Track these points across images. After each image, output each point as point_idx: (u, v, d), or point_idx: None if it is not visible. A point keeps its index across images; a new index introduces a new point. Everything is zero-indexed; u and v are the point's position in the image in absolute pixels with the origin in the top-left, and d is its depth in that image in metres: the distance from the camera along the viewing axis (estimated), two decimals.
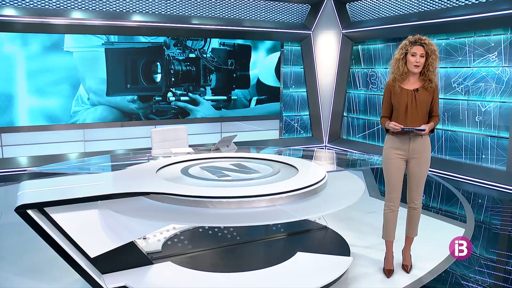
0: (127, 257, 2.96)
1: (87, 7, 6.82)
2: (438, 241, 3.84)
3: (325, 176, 3.15)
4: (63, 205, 2.68)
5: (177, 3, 7.42)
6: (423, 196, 3.64)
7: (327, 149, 8.82)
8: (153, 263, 3.06)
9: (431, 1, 6.74)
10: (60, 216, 2.69)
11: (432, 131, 3.10)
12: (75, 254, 2.71)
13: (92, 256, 2.78)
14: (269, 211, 2.66)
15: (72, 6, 6.73)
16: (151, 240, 3.50)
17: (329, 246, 3.58)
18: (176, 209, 2.70)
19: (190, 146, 4.90)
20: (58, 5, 6.63)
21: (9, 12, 6.31)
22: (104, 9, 6.93)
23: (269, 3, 8.14)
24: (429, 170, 3.31)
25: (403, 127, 3.00)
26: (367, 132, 8.54)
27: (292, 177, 3.14)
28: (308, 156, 5.11)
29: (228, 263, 3.24)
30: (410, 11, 7.13)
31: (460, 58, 6.54)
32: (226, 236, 3.62)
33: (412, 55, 3.00)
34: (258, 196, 2.66)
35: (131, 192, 2.81)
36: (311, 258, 3.15)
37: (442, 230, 4.21)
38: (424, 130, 2.98)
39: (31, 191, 2.78)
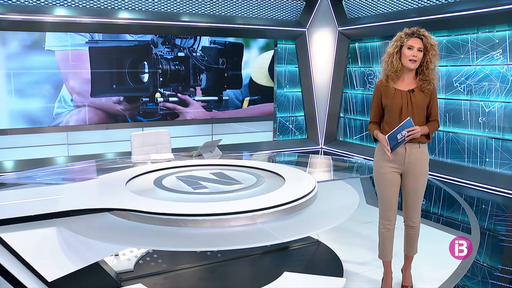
0: (91, 279, 2.64)
1: (70, 4, 6.48)
2: (442, 255, 3.50)
3: (314, 188, 2.81)
4: (14, 223, 2.37)
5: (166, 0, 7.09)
6: (423, 201, 3.32)
7: (323, 151, 8.49)
8: (121, 286, 2.74)
9: None
10: (11, 236, 2.37)
11: (428, 137, 2.74)
12: (29, 279, 2.39)
13: (50, 280, 2.46)
14: (249, 230, 2.32)
15: (55, 3, 6.39)
16: (122, 258, 3.16)
17: (320, 264, 3.24)
18: (142, 228, 2.37)
19: (176, 150, 4.57)
20: (40, 2, 6.29)
21: None
22: (88, 6, 6.59)
23: (262, 0, 7.82)
24: (429, 174, 2.95)
25: (390, 147, 2.66)
26: (364, 133, 8.21)
27: (277, 189, 2.80)
28: (302, 163, 4.77)
29: (208, 285, 2.91)
30: (409, 6, 6.80)
31: (462, 56, 6.21)
32: (205, 253, 3.28)
33: (409, 48, 2.62)
34: (235, 214, 2.32)
35: (92, 209, 2.48)
36: (299, 279, 2.83)
37: (446, 243, 3.85)
38: (413, 128, 2.59)
39: None
